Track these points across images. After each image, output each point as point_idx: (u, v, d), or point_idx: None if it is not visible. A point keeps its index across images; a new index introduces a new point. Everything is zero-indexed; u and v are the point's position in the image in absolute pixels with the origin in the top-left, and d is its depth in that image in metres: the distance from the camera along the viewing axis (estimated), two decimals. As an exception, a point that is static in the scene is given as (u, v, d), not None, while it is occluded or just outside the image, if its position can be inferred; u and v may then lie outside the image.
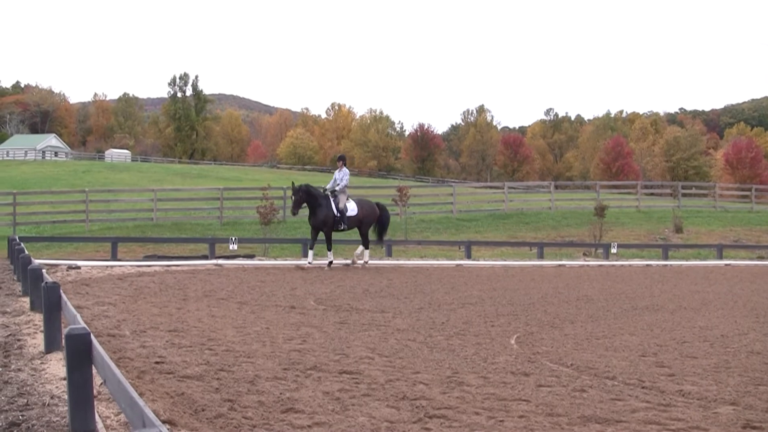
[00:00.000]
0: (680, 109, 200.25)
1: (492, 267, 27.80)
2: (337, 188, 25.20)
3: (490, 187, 73.90)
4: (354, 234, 27.77)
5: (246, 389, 8.03)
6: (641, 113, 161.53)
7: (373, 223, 26.62)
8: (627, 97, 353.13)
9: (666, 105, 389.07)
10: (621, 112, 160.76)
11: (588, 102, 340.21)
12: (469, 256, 31.38)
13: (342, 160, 26.15)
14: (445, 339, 11.91)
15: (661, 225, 45.24)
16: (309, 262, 24.67)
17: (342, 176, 25.27)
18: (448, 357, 10.42)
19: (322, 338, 11.54)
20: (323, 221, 24.74)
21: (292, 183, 25.86)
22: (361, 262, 25.83)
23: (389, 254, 30.60)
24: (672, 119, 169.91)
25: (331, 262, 25.20)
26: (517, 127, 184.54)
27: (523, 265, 29.02)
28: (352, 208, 25.50)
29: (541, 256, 32.57)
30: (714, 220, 48.67)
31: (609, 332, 13.19)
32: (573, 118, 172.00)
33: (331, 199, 25.05)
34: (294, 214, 25.38)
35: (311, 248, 25.30)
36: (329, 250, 25.65)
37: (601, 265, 30.28)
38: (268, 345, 10.75)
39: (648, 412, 7.66)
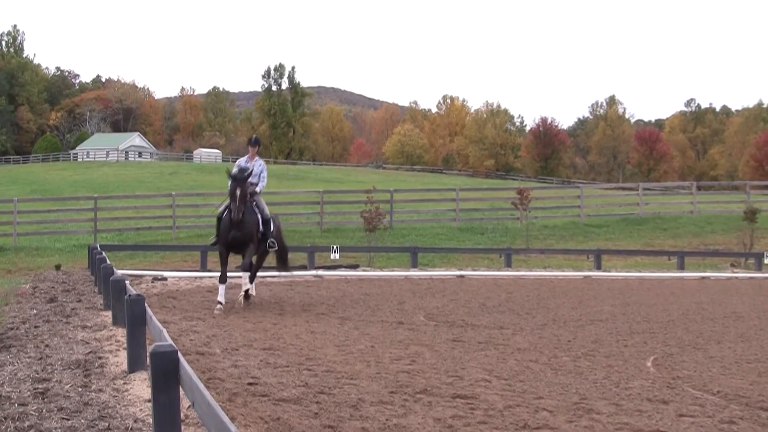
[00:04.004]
0: None
1: (625, 279, 27.41)
2: (257, 189, 18.84)
3: (623, 189, 72.90)
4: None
5: (348, 414, 8.06)
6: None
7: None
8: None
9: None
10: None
11: (735, 91, 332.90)
12: (598, 267, 30.99)
13: (257, 144, 19.54)
14: (571, 360, 11.78)
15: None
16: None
17: (261, 170, 19.18)
18: (575, 381, 10.30)
19: (433, 358, 11.52)
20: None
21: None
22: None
23: (508, 265, 30.41)
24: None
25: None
26: (653, 121, 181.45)
27: (661, 276, 28.53)
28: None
29: (681, 267, 31.97)
30: None
31: (762, 355, 12.86)
32: (718, 110, 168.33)
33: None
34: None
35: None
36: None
37: (752, 278, 29.57)
38: (373, 365, 10.77)
39: (809, 448, 7.43)
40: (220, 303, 16.64)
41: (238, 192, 17.42)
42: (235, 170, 18.39)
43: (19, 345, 11.54)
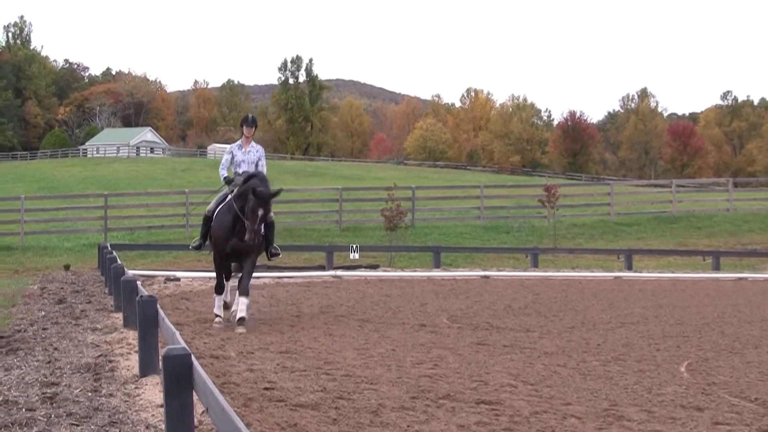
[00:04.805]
0: None
1: (657, 280, 27.33)
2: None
3: (655, 186, 72.68)
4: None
5: (368, 420, 8.08)
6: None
7: None
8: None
9: None
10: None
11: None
12: (629, 267, 30.93)
13: (254, 125, 16.54)
14: (601, 365, 11.76)
15: None
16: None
17: (258, 157, 16.30)
18: (605, 386, 10.28)
19: (456, 362, 11.52)
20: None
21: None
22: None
23: (535, 265, 30.40)
24: None
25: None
26: (687, 114, 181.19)
27: (695, 277, 28.44)
28: None
29: (716, 268, 31.86)
30: None
31: (802, 360, 12.80)
32: (756, 103, 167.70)
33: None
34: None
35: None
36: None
37: (791, 279, 29.43)
38: (394, 369, 10.79)
39: None
40: (219, 316, 14.97)
41: (260, 213, 14.59)
42: (254, 182, 14.95)
43: (26, 348, 11.62)
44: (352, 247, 29.34)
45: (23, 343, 12.01)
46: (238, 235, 14.91)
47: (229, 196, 15.53)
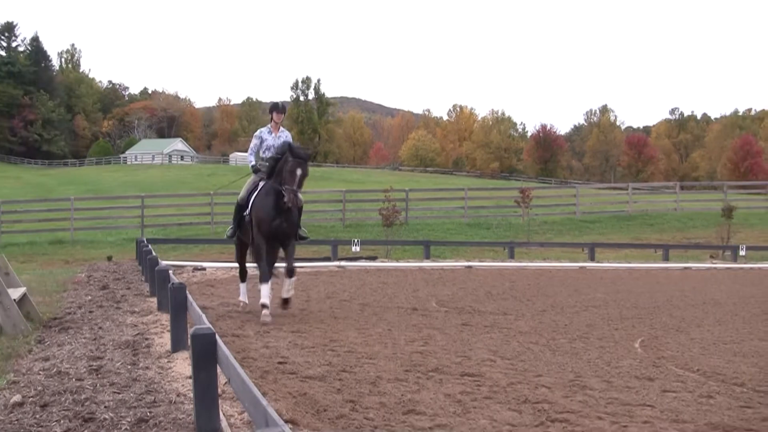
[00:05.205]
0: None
1: (616, 269, 27.33)
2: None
3: (614, 188, 72.66)
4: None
5: (368, 390, 8.07)
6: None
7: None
8: (756, 94, 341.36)
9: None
10: (750, 110, 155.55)
11: (715, 100, 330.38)
12: (592, 259, 30.94)
13: (284, 112, 14.77)
14: (568, 342, 11.76)
15: (794, 226, 43.67)
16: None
17: (285, 140, 14.17)
18: (571, 360, 10.29)
19: (443, 340, 11.52)
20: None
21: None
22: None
23: (512, 256, 30.38)
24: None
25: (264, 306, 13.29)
26: (641, 127, 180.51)
27: (648, 267, 28.43)
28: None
29: (666, 259, 31.88)
30: None
31: (738, 337, 12.81)
32: (699, 117, 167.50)
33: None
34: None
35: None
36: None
37: (729, 268, 29.43)
38: (390, 347, 10.79)
39: (780, 421, 7.40)
40: (266, 306, 13.02)
41: (299, 172, 12.87)
42: (283, 145, 13.57)
43: (75, 327, 11.62)
44: (354, 241, 29.35)
45: (73, 323, 12.02)
46: (282, 215, 13.09)
47: (261, 183, 13.58)
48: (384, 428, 6.77)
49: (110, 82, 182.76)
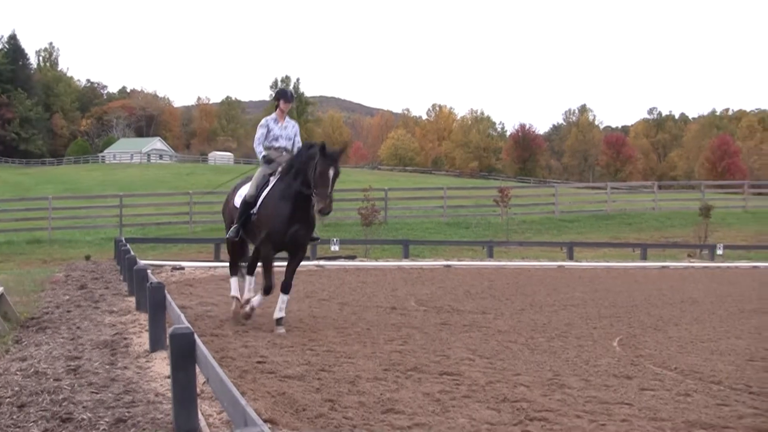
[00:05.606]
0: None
1: (594, 268, 27.44)
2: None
3: (593, 188, 72.87)
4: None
5: (347, 390, 8.08)
6: (748, 111, 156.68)
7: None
8: (733, 94, 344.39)
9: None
10: (727, 110, 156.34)
11: (692, 100, 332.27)
12: (571, 258, 31.03)
13: (292, 100, 13.84)
14: (546, 341, 11.80)
15: (770, 225, 43.97)
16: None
17: (295, 133, 13.42)
18: (550, 359, 10.32)
19: (422, 339, 11.54)
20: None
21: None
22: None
23: (490, 256, 30.42)
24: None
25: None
26: (619, 127, 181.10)
27: (626, 266, 28.57)
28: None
29: (644, 258, 32.03)
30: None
31: (715, 335, 12.90)
32: (677, 117, 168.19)
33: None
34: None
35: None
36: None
37: (706, 267, 29.63)
38: (369, 346, 10.79)
39: (756, 419, 7.45)
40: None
41: (331, 173, 11.40)
42: (305, 144, 12.44)
43: (53, 327, 11.56)
44: (333, 240, 29.29)
45: (50, 323, 11.95)
46: (300, 222, 11.80)
47: (273, 178, 12.32)
48: (363, 427, 6.77)
49: (89, 80, 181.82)
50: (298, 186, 11.68)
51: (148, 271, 13.03)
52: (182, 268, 22.68)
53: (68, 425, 6.52)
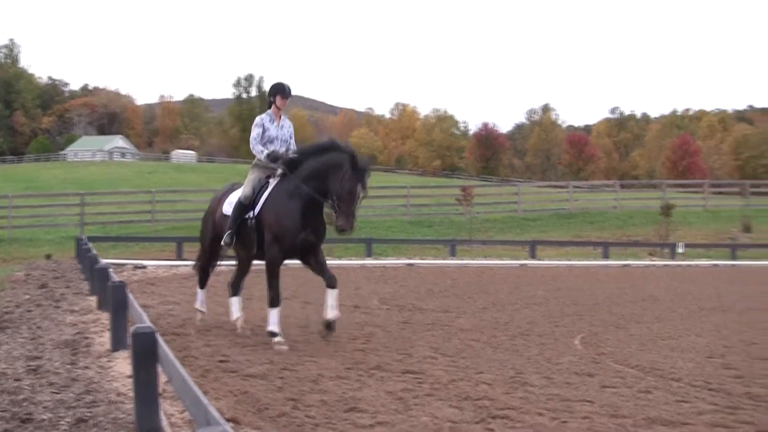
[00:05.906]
0: (749, 106, 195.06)
1: (556, 267, 27.61)
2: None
3: (555, 187, 73.15)
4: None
5: (309, 388, 8.08)
6: (709, 111, 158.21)
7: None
8: (694, 94, 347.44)
9: (734, 102, 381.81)
10: (688, 110, 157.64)
11: (654, 100, 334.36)
12: (533, 256, 31.19)
13: (289, 96, 11.99)
14: (508, 339, 11.86)
15: (730, 224, 44.40)
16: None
17: (290, 133, 12.05)
18: (512, 357, 10.37)
19: (385, 338, 11.56)
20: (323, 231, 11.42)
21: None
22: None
23: (453, 254, 30.51)
24: (741, 117, 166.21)
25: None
26: (582, 126, 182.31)
27: (588, 265, 28.79)
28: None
29: (606, 256, 32.27)
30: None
31: (675, 333, 13.02)
32: (639, 117, 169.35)
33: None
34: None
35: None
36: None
37: (667, 265, 29.92)
38: (332, 344, 10.79)
39: (715, 415, 7.53)
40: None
41: (360, 192, 10.53)
42: (322, 144, 11.47)
43: (13, 327, 11.45)
44: (298, 239, 29.15)
45: (10, 322, 11.84)
46: (311, 226, 10.87)
47: (273, 180, 11.29)
48: (325, 426, 6.77)
49: (50, 77, 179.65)
50: (310, 190, 10.70)
51: (110, 270, 12.93)
52: (144, 267, 22.58)
53: (28, 426, 6.47)
